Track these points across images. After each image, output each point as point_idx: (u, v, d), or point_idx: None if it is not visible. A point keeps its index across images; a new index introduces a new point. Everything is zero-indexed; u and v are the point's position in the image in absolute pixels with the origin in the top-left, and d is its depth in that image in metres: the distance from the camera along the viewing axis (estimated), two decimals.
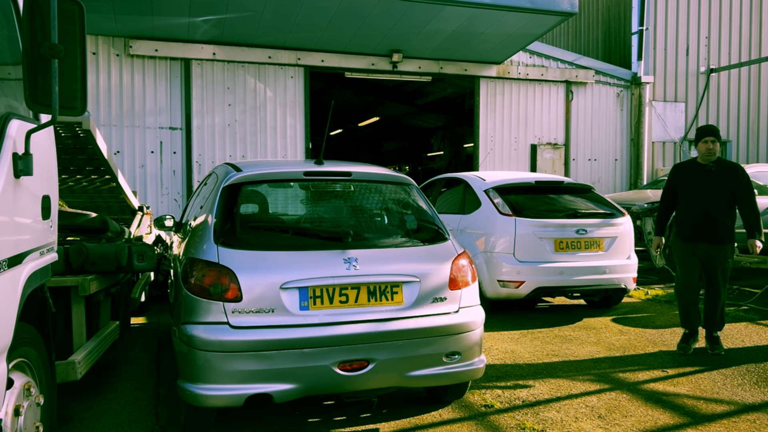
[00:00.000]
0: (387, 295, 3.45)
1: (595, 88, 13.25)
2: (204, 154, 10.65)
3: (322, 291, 3.35)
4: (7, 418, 2.32)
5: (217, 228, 3.48)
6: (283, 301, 3.28)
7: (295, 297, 3.31)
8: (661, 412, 3.93)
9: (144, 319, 6.82)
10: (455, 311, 3.60)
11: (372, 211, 4.06)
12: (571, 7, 10.06)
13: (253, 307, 3.24)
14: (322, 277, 3.36)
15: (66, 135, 4.54)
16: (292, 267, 3.37)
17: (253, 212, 4.88)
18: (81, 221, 4.75)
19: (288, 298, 3.29)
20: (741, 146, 14.66)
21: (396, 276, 3.34)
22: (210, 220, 3.59)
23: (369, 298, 3.41)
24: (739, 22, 14.47)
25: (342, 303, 3.36)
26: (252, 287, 3.26)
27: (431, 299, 3.55)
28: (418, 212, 4.06)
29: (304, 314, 3.29)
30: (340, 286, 3.36)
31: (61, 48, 2.32)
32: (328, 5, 9.46)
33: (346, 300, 3.37)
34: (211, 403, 3.19)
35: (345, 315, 3.35)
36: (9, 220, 2.36)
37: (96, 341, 3.90)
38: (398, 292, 3.46)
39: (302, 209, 4.27)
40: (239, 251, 3.37)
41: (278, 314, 3.26)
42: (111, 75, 10.16)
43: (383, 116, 20.56)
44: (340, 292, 3.37)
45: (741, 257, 8.35)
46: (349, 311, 3.36)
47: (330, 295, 3.36)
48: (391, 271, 3.41)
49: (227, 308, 3.21)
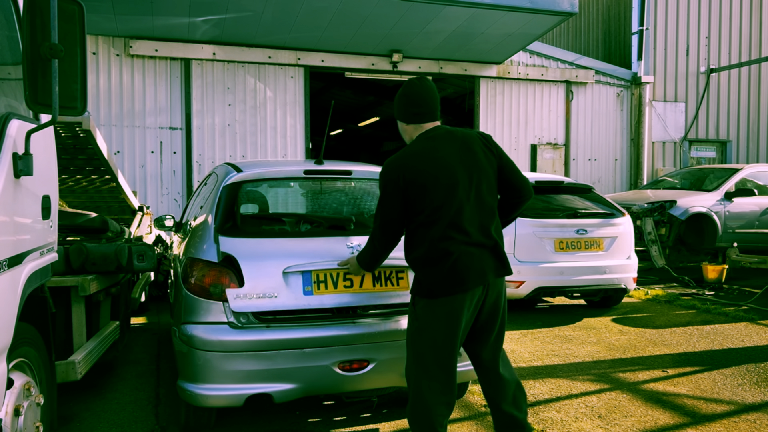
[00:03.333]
0: (393, 281, 3.44)
1: (595, 88, 13.25)
2: (204, 154, 10.65)
3: (326, 275, 3.32)
4: (7, 418, 2.32)
5: (217, 228, 3.48)
6: (286, 285, 3.26)
7: (299, 281, 3.29)
8: (661, 412, 3.93)
9: (144, 319, 6.82)
10: None
11: (373, 206, 4.06)
12: (571, 7, 10.06)
13: (256, 291, 3.21)
14: (326, 261, 3.34)
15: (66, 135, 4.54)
16: (295, 252, 3.35)
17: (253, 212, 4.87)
18: (81, 221, 4.75)
19: (292, 282, 3.28)
20: (741, 146, 14.65)
21: (401, 260, 3.26)
22: (210, 219, 3.59)
23: (374, 283, 3.39)
24: (739, 22, 14.47)
25: (346, 288, 3.34)
26: (254, 271, 3.23)
27: None
28: None
29: (308, 298, 3.28)
30: (345, 270, 3.35)
31: (61, 48, 2.32)
32: (328, 5, 9.46)
33: (350, 284, 3.35)
34: (211, 403, 3.19)
35: (350, 298, 3.33)
36: (9, 220, 2.36)
37: (96, 341, 3.90)
38: (403, 278, 3.45)
39: (303, 206, 4.27)
40: (241, 239, 3.37)
41: (282, 298, 3.24)
42: (111, 75, 10.15)
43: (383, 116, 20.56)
44: (344, 276, 3.35)
45: (741, 257, 8.36)
46: (354, 296, 3.35)
47: (334, 279, 3.33)
48: (396, 256, 3.39)
49: (227, 307, 3.21)
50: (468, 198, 2.77)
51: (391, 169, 2.83)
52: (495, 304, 2.88)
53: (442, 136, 2.87)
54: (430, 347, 2.78)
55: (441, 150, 2.81)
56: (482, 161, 2.83)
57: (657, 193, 9.95)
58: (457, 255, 2.73)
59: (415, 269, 2.88)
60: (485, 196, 2.82)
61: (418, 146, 2.85)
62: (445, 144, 2.83)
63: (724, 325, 6.34)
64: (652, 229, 8.75)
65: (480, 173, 2.81)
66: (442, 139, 2.85)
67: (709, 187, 9.61)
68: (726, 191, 9.29)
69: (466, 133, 2.89)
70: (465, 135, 2.88)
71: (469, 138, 2.87)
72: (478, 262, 2.76)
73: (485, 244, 2.79)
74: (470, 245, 2.75)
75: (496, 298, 2.87)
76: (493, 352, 2.97)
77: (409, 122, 2.96)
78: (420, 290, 2.83)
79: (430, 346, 2.78)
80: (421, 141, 2.87)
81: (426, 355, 2.79)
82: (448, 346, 2.77)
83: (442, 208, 2.74)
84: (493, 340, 2.96)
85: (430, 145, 2.84)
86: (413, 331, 2.86)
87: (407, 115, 2.95)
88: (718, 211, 9.15)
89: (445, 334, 2.76)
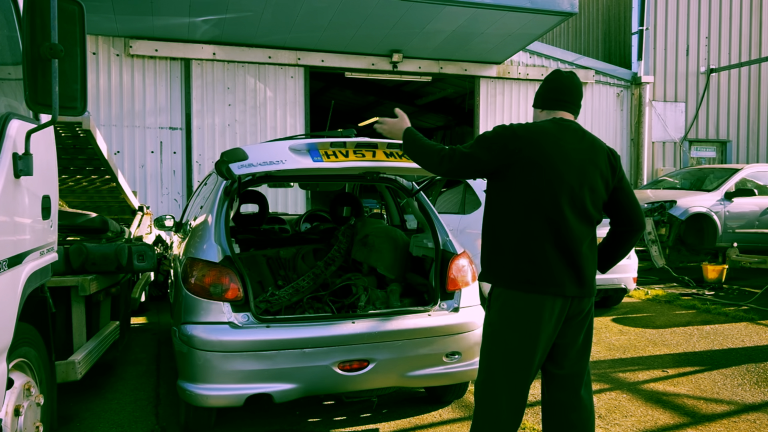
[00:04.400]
0: (401, 157, 3.46)
1: (595, 88, 13.25)
2: (204, 154, 10.64)
3: (335, 151, 3.36)
4: (7, 418, 2.32)
5: (217, 228, 3.48)
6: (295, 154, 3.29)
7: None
8: (661, 412, 3.93)
9: (144, 319, 6.82)
10: (455, 311, 3.60)
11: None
12: (571, 7, 10.06)
13: (262, 160, 3.21)
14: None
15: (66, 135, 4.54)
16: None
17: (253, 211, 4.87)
18: (81, 221, 4.75)
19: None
20: (741, 146, 14.65)
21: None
22: (210, 219, 3.60)
23: (387, 156, 3.44)
24: (739, 22, 14.47)
25: (358, 157, 3.41)
26: (262, 152, 3.25)
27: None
28: (418, 213, 4.09)
29: (318, 163, 3.30)
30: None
31: (61, 48, 2.32)
32: (328, 5, 9.45)
33: (363, 156, 3.42)
34: (211, 403, 3.19)
35: (361, 164, 3.36)
36: (9, 220, 2.36)
37: (96, 341, 3.90)
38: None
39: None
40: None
41: (289, 163, 3.25)
42: (111, 75, 10.15)
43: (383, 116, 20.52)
44: (356, 148, 3.42)
45: (741, 257, 8.35)
46: (365, 162, 3.39)
47: (344, 153, 3.40)
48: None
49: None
50: (571, 200, 2.50)
51: (508, 130, 2.54)
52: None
53: (574, 129, 2.60)
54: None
55: (567, 140, 2.54)
56: (599, 172, 2.56)
57: (657, 193, 9.95)
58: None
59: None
60: (588, 207, 2.54)
61: (546, 125, 2.58)
62: (573, 138, 2.56)
63: (724, 325, 6.34)
64: (652, 229, 8.75)
65: (593, 183, 2.54)
66: (572, 132, 2.59)
67: (709, 187, 9.61)
68: (726, 191, 9.29)
69: (596, 141, 2.64)
70: (595, 141, 2.63)
71: (598, 146, 2.62)
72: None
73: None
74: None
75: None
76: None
77: (543, 108, 2.70)
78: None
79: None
80: (550, 123, 2.60)
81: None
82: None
83: (543, 195, 2.47)
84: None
85: (558, 129, 2.56)
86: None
87: (544, 101, 2.69)
88: (718, 211, 9.14)
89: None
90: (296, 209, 10.94)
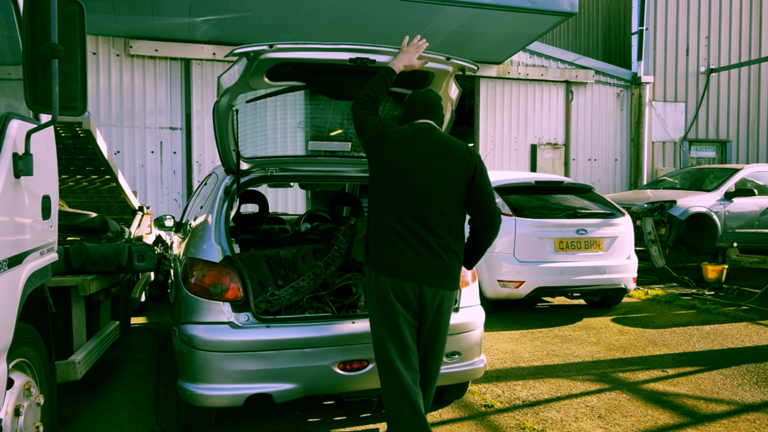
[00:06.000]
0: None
1: (595, 88, 13.25)
2: (204, 154, 10.64)
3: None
4: (7, 418, 2.32)
5: (217, 228, 3.48)
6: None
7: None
8: (661, 412, 3.93)
9: (144, 319, 6.82)
10: (455, 311, 3.60)
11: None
12: (571, 7, 10.06)
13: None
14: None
15: (66, 135, 4.54)
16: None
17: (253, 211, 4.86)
18: (81, 221, 4.75)
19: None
20: (741, 146, 14.65)
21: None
22: (210, 220, 3.60)
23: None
24: (739, 22, 14.47)
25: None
26: None
27: None
28: None
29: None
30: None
31: (61, 48, 2.32)
32: (328, 5, 9.45)
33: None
34: (211, 403, 3.20)
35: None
36: (9, 220, 2.36)
37: (96, 341, 3.90)
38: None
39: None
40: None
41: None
42: (111, 75, 10.15)
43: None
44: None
45: (741, 257, 8.36)
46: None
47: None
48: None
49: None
50: (421, 194, 2.87)
51: (384, 122, 3.01)
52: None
53: (428, 130, 3.00)
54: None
55: (419, 140, 2.94)
56: (452, 169, 2.90)
57: (657, 193, 9.95)
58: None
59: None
60: (436, 200, 2.88)
61: (403, 128, 3.02)
62: (427, 138, 2.95)
63: (724, 325, 6.34)
64: (652, 229, 8.75)
65: (444, 178, 2.89)
66: (426, 132, 2.98)
67: (709, 187, 9.61)
68: (726, 191, 9.29)
69: (454, 141, 2.99)
70: (452, 141, 2.99)
71: (455, 145, 2.97)
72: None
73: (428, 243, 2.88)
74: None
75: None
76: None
77: (406, 121, 3.10)
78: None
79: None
80: (407, 126, 3.03)
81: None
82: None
83: (392, 187, 2.89)
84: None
85: (413, 130, 2.98)
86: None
87: (405, 115, 3.12)
88: (718, 211, 9.15)
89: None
90: (296, 209, 10.93)
